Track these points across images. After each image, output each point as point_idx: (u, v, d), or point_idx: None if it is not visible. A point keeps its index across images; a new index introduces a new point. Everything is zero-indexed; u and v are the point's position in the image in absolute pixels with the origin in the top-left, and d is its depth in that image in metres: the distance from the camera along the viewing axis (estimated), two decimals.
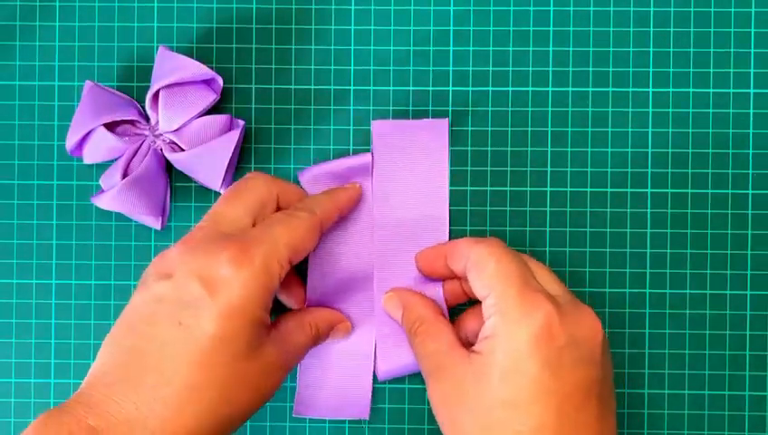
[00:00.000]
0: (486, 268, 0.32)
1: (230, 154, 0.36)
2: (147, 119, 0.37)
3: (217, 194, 0.39)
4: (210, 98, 0.37)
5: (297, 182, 0.39)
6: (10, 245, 0.39)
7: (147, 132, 0.37)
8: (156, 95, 0.36)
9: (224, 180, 0.37)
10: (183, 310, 0.30)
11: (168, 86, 0.36)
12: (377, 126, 0.38)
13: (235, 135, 0.37)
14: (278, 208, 0.35)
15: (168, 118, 0.36)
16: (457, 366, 0.32)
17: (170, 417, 0.29)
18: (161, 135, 0.37)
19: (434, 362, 0.33)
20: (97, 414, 0.29)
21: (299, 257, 0.33)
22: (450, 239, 0.38)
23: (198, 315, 0.30)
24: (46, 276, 0.39)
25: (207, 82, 0.37)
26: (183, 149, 0.37)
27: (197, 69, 0.36)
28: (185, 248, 0.31)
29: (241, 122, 0.38)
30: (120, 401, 0.29)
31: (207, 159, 0.36)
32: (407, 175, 0.38)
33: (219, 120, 0.37)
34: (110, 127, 0.37)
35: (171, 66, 0.36)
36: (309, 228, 0.34)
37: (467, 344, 0.33)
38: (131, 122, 0.37)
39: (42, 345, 0.39)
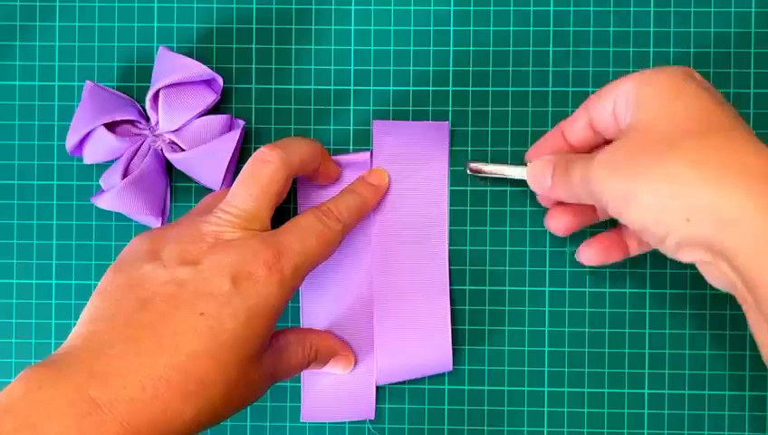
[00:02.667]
0: (603, 98, 0.32)
1: (230, 154, 0.36)
2: (147, 119, 0.37)
3: None
4: (210, 98, 0.37)
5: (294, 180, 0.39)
6: (10, 245, 0.39)
7: (147, 132, 0.37)
8: (156, 95, 0.36)
9: (224, 180, 0.37)
10: (206, 301, 0.30)
11: (168, 86, 0.36)
12: (377, 126, 0.38)
13: (235, 135, 0.37)
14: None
15: (168, 118, 0.36)
16: (628, 137, 0.30)
17: (174, 404, 0.28)
18: (161, 135, 0.37)
19: (607, 168, 0.30)
20: (100, 386, 0.27)
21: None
22: (449, 241, 0.38)
23: (222, 311, 0.29)
24: (46, 276, 0.39)
25: (207, 82, 0.37)
26: (183, 149, 0.37)
27: (198, 69, 0.36)
28: (214, 241, 0.31)
29: (241, 122, 0.38)
30: (127, 376, 0.28)
31: (207, 159, 0.36)
32: (406, 175, 0.38)
33: (219, 120, 0.37)
34: (111, 127, 0.37)
35: (171, 66, 0.36)
36: (338, 242, 0.34)
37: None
38: (131, 122, 0.37)
39: (42, 345, 0.39)
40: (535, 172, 0.34)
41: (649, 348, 0.38)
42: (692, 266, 0.39)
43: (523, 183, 0.36)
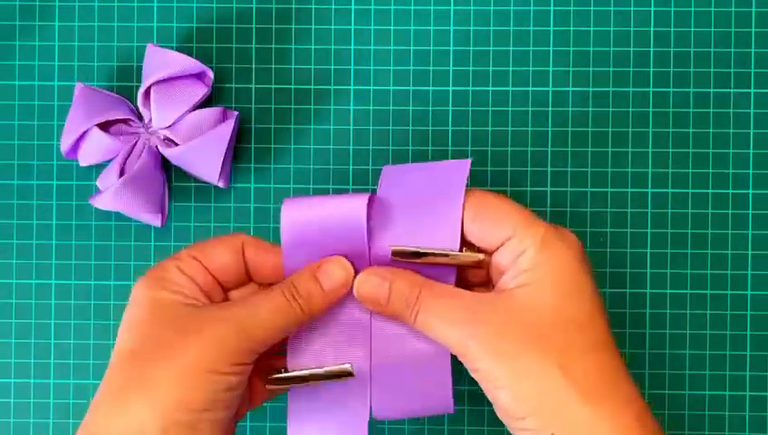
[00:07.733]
0: (501, 212, 0.30)
1: (225, 145, 0.36)
2: (140, 117, 0.37)
3: (217, 190, 0.39)
4: (201, 91, 0.37)
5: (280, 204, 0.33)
6: (10, 245, 0.39)
7: (141, 130, 0.37)
8: (147, 92, 0.36)
9: (221, 172, 0.37)
10: None
11: (159, 82, 0.36)
12: (387, 172, 0.33)
13: (228, 126, 0.36)
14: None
15: (160, 114, 0.36)
16: (499, 305, 0.29)
17: None
18: (155, 132, 0.37)
19: (461, 317, 0.29)
20: None
21: None
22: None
23: None
24: (46, 276, 0.39)
25: (198, 76, 0.37)
26: (178, 145, 0.37)
27: (186, 63, 0.36)
28: None
29: (234, 113, 0.37)
30: None
31: (203, 151, 0.36)
32: (413, 218, 0.31)
33: (212, 112, 0.37)
34: (104, 127, 0.37)
35: (160, 62, 0.36)
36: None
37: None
38: (125, 121, 0.37)
39: (41, 345, 0.39)
40: (368, 288, 0.31)
41: (649, 348, 0.38)
42: (692, 267, 0.39)
43: (522, 182, 0.36)
